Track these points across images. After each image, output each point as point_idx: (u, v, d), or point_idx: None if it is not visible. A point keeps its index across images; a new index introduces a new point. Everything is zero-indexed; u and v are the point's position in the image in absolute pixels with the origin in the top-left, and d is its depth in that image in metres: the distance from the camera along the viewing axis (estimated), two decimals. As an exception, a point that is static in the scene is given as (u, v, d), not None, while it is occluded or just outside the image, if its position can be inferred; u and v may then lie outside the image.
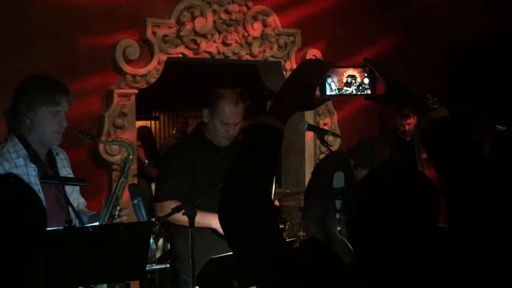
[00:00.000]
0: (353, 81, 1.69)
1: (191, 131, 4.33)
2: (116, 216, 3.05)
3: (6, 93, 3.93)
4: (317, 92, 1.67)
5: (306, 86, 1.63)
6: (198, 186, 3.51)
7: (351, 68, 1.69)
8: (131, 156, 3.16)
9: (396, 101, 1.74)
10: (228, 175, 1.56)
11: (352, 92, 1.69)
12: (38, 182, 2.96)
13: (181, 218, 3.18)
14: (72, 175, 3.22)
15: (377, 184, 1.48)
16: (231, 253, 1.56)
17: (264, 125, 1.58)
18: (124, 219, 3.08)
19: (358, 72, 1.69)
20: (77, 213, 3.06)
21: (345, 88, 1.68)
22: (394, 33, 5.74)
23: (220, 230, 3.40)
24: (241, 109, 3.66)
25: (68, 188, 3.14)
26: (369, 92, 1.69)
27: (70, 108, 3.11)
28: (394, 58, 5.61)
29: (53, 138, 3.04)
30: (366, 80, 1.69)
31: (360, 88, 1.69)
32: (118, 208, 3.06)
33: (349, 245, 3.39)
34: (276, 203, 4.71)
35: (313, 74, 1.64)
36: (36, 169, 3.00)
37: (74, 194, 3.19)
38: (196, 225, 3.06)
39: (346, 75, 1.68)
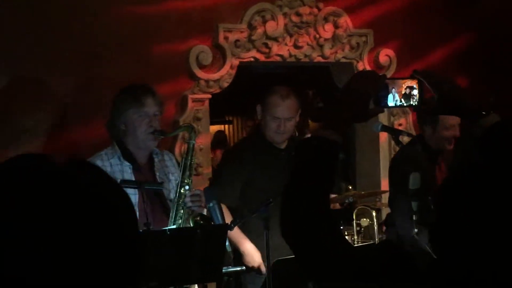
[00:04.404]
0: (412, 92, 1.71)
1: (250, 132, 4.32)
2: (184, 196, 3.10)
3: (88, 100, 4.11)
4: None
5: (359, 98, 1.63)
6: (257, 186, 3.52)
7: (408, 80, 1.71)
8: (192, 138, 3.22)
9: (447, 111, 1.82)
10: (286, 190, 1.57)
11: (411, 103, 1.72)
12: (134, 179, 3.12)
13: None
14: (174, 177, 3.28)
15: (468, 186, 1.45)
16: None
17: (320, 138, 1.58)
18: (195, 199, 3.12)
19: (415, 84, 1.71)
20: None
21: (403, 99, 1.70)
22: (469, 32, 5.59)
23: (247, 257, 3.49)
24: (292, 103, 3.63)
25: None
26: (417, 103, 1.72)
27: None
28: (472, 56, 5.48)
29: (146, 139, 3.16)
30: (415, 92, 1.71)
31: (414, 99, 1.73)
32: (187, 187, 3.11)
33: (427, 248, 3.34)
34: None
35: (367, 86, 1.64)
36: (131, 166, 3.15)
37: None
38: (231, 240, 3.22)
39: (405, 87, 1.69)
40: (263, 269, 3.46)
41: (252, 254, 3.51)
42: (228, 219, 3.45)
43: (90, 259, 0.91)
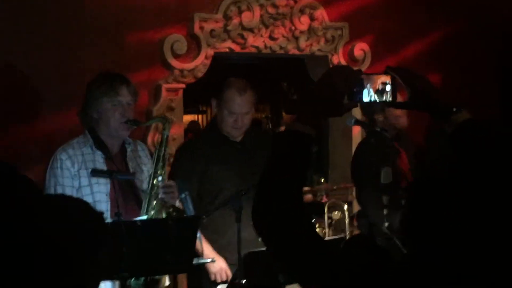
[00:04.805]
0: (385, 88, 1.72)
1: (206, 125, 4.26)
2: (157, 187, 3.08)
3: (62, 89, 4.06)
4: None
5: (334, 93, 1.64)
6: (215, 180, 3.50)
7: (382, 76, 1.72)
8: (166, 129, 3.21)
9: (419, 107, 1.81)
10: (260, 183, 1.58)
11: (384, 99, 1.72)
12: (106, 168, 3.09)
13: None
14: (147, 167, 3.27)
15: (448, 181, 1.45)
16: None
17: (294, 132, 1.59)
18: (168, 190, 3.10)
19: (389, 80, 1.72)
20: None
21: (377, 95, 1.71)
22: (445, 25, 5.63)
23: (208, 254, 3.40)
24: (248, 97, 3.55)
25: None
26: (390, 99, 1.73)
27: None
28: (445, 51, 5.52)
29: (119, 129, 3.14)
30: (388, 87, 1.72)
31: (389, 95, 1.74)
32: (160, 178, 3.10)
33: (398, 242, 3.37)
34: (325, 199, 4.70)
35: (342, 81, 1.65)
36: (104, 156, 3.12)
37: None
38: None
39: (379, 82, 1.70)
40: (223, 277, 3.43)
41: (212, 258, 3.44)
42: None
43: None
